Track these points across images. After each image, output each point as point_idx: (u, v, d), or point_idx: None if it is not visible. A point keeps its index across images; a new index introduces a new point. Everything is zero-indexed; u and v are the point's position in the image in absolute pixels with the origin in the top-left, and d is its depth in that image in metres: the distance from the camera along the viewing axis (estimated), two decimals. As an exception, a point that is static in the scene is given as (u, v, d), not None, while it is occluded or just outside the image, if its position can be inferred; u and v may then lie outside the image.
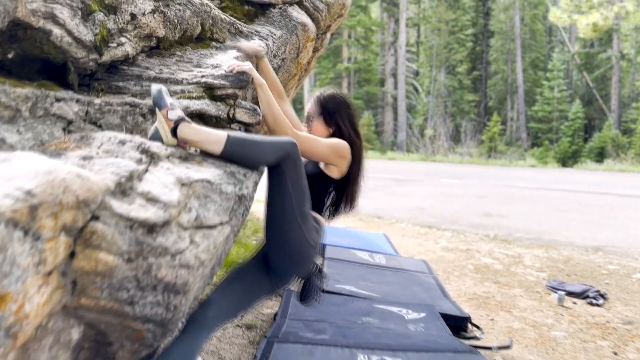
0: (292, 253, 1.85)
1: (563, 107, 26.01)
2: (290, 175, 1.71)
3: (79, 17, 1.55)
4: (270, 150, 1.65)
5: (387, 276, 4.08)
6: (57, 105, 1.40)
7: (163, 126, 1.51)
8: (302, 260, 1.89)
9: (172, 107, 1.54)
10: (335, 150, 2.05)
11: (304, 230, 1.80)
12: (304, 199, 1.78)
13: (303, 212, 1.78)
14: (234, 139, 1.60)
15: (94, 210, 1.11)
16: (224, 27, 2.24)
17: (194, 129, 1.55)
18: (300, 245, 1.82)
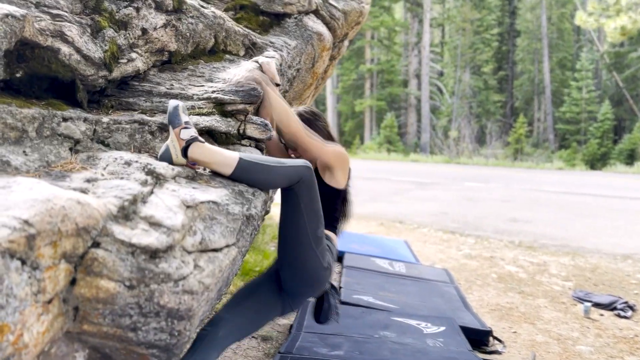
0: (305, 276, 1.84)
1: (592, 107, 25.38)
2: (304, 199, 1.70)
3: (88, 34, 1.54)
4: (283, 176, 1.63)
5: (407, 286, 4.01)
6: (64, 125, 1.39)
7: (174, 144, 1.49)
8: (315, 283, 1.87)
9: (186, 126, 1.51)
10: (341, 156, 2.05)
11: (318, 254, 1.78)
12: (317, 222, 1.76)
13: (317, 236, 1.76)
14: (246, 162, 1.57)
15: (95, 236, 1.09)
16: (238, 39, 2.22)
17: (205, 150, 1.52)
18: (313, 269, 1.81)
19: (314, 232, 1.76)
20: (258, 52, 2.29)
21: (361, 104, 28.71)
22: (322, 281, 1.88)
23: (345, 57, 30.49)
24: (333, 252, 2.00)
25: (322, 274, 1.84)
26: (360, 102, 28.78)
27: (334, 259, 2.00)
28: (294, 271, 1.82)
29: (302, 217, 1.72)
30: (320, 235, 1.79)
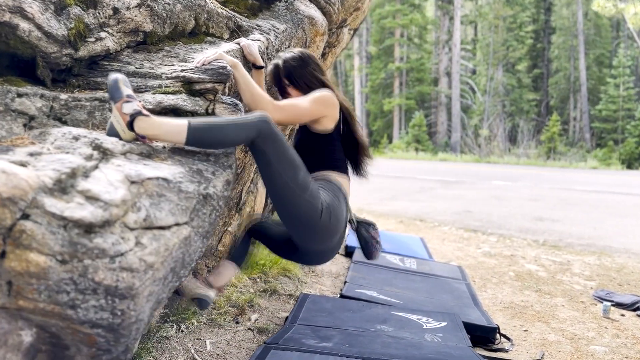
0: (304, 224, 1.83)
1: (629, 105, 24.43)
2: (270, 151, 1.67)
3: (50, 11, 1.52)
4: (238, 132, 1.60)
5: (415, 282, 3.90)
6: (18, 100, 1.37)
7: (118, 120, 1.45)
8: (316, 227, 1.84)
9: (128, 99, 1.46)
10: (320, 100, 2.00)
11: (307, 199, 1.76)
12: (294, 170, 1.73)
13: (298, 183, 1.74)
14: (196, 125, 1.52)
15: (24, 208, 1.06)
16: (221, 22, 2.17)
17: (152, 122, 1.47)
18: (308, 214, 1.79)
19: (294, 180, 1.73)
20: (243, 35, 2.24)
21: (390, 103, 28.45)
22: (324, 223, 1.84)
23: (374, 56, 30.30)
24: (334, 192, 1.95)
25: (320, 218, 1.81)
26: (389, 101, 28.52)
27: (340, 198, 1.97)
28: (293, 225, 1.85)
29: (275, 169, 1.70)
30: (303, 180, 1.75)
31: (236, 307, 3.06)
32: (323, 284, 3.89)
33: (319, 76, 2.12)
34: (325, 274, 4.15)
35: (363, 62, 32.41)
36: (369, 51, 31.52)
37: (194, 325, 2.75)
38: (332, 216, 1.87)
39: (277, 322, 3.01)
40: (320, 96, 2.01)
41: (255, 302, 3.18)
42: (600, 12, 4.52)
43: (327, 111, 2.03)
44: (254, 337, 2.83)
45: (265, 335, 2.84)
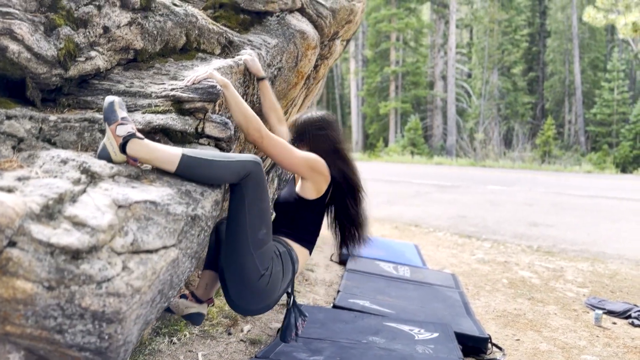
0: (239, 279, 1.78)
1: (624, 109, 24.55)
2: (249, 195, 1.67)
3: (40, 32, 1.53)
4: (229, 171, 1.60)
5: (409, 290, 3.91)
6: (7, 123, 1.38)
7: (111, 142, 1.45)
8: (250, 289, 1.80)
9: (122, 122, 1.47)
10: (309, 163, 1.97)
11: (255, 258, 1.73)
12: (260, 223, 1.72)
13: (257, 238, 1.72)
14: (189, 158, 1.53)
15: (10, 235, 1.07)
16: (213, 38, 2.18)
17: (145, 146, 1.48)
18: (247, 272, 1.75)
19: (254, 233, 1.71)
20: (235, 50, 2.25)
21: (386, 107, 28.50)
22: (259, 286, 1.79)
23: (370, 60, 30.36)
24: (285, 264, 1.91)
25: (257, 280, 1.77)
26: (384, 105, 28.57)
27: (287, 271, 1.93)
28: (230, 273, 1.79)
29: (244, 213, 1.68)
30: (261, 238, 1.73)
31: (229, 318, 3.06)
32: (317, 292, 3.89)
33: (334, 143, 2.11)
34: (319, 282, 4.15)
35: (359, 66, 32.47)
36: (365, 55, 31.59)
37: (186, 337, 2.76)
38: (270, 283, 1.83)
39: (269, 333, 3.02)
40: (315, 160, 1.98)
41: (248, 312, 3.19)
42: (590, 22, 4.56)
43: (311, 176, 2.00)
44: (246, 348, 2.83)
45: (257, 346, 2.84)
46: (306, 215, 2.07)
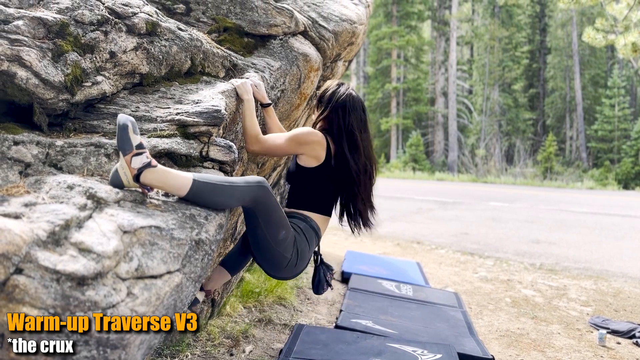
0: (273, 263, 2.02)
1: (625, 125, 24.60)
2: (261, 215, 1.80)
3: (48, 58, 1.55)
4: (236, 196, 1.68)
5: (411, 310, 3.89)
6: (14, 148, 1.39)
7: (125, 172, 1.47)
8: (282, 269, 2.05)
9: (138, 152, 1.48)
10: (295, 139, 2.10)
11: (282, 252, 1.95)
12: (277, 230, 1.88)
13: (278, 240, 1.90)
14: (199, 184, 1.57)
15: (17, 263, 1.08)
16: (217, 61, 2.21)
17: (158, 174, 1.51)
18: (279, 259, 1.99)
19: (275, 239, 1.90)
20: (239, 73, 2.28)
21: (387, 123, 28.61)
22: (290, 265, 2.04)
23: (371, 76, 30.56)
24: (308, 236, 2.11)
25: (288, 263, 2.01)
26: (386, 121, 28.69)
27: (311, 241, 2.15)
28: (262, 260, 2.02)
29: (261, 229, 1.84)
30: (282, 238, 1.91)
31: (230, 339, 3.05)
32: (319, 312, 3.88)
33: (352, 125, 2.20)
34: (321, 301, 4.14)
35: (360, 82, 32.68)
36: (366, 71, 31.82)
37: (187, 358, 2.74)
38: (299, 259, 2.07)
39: (271, 354, 3.00)
40: (297, 134, 2.11)
41: (250, 332, 3.17)
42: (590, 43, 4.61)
43: (302, 149, 2.13)
44: (249, 369, 2.82)
45: (260, 367, 2.83)
46: (315, 183, 2.18)
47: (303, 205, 2.20)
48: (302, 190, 2.22)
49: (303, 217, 2.16)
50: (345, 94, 2.23)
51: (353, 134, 2.20)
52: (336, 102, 2.20)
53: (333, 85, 2.28)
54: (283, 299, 3.84)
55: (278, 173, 3.57)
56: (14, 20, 1.53)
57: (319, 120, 2.25)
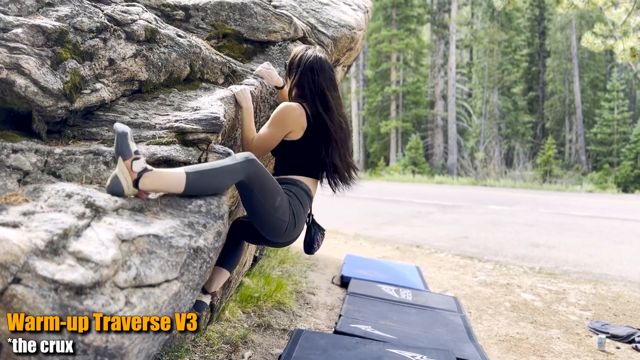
0: (274, 230, 2.10)
1: (624, 129, 24.63)
2: (256, 187, 1.87)
3: (47, 66, 1.55)
4: (230, 175, 1.73)
5: (411, 315, 3.89)
6: (13, 156, 1.39)
7: (126, 177, 1.48)
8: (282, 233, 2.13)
9: (136, 157, 1.50)
10: (277, 120, 2.18)
11: (279, 216, 2.04)
12: (273, 197, 1.97)
13: (275, 206, 1.99)
14: (193, 175, 1.61)
15: (15, 272, 1.08)
16: (216, 68, 2.21)
17: (154, 178, 1.52)
18: (279, 224, 2.07)
19: (272, 206, 1.98)
20: (238, 79, 2.28)
21: (386, 126, 28.63)
22: (289, 229, 2.14)
23: (371, 79, 30.59)
24: (301, 198, 2.22)
25: (287, 226, 2.11)
26: (385, 124, 28.71)
27: (304, 202, 2.25)
28: (264, 230, 2.10)
29: (257, 199, 1.92)
30: (278, 205, 2.00)
31: (229, 344, 3.04)
32: (318, 317, 3.87)
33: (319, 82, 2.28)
34: (320, 306, 4.13)
35: (360, 85, 32.71)
36: (366, 74, 31.85)
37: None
38: (297, 220, 2.17)
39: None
40: (277, 115, 2.18)
41: (249, 337, 3.17)
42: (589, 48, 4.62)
43: (288, 128, 2.21)
44: (247, 375, 2.82)
45: (259, 373, 2.82)
46: (301, 149, 2.27)
47: (291, 170, 2.30)
48: (288, 158, 2.31)
49: (293, 182, 2.26)
50: (312, 56, 2.29)
51: (324, 93, 2.27)
52: (304, 66, 2.27)
53: (300, 50, 2.34)
54: (282, 303, 3.83)
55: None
56: (13, 28, 1.53)
57: (292, 88, 2.31)
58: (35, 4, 1.70)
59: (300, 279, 4.71)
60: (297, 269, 5.09)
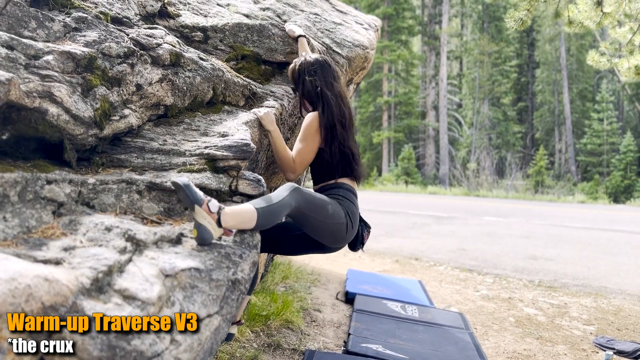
0: (337, 237, 2.19)
1: (614, 139, 24.94)
2: (306, 209, 1.96)
3: (78, 93, 1.53)
4: (285, 210, 1.81)
5: (419, 332, 3.87)
6: (47, 187, 1.37)
7: (209, 221, 1.50)
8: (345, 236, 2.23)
9: (208, 199, 1.54)
10: (307, 137, 2.23)
11: (336, 222, 2.12)
12: (325, 209, 2.07)
13: (329, 215, 2.08)
14: (263, 212, 1.69)
15: (64, 313, 1.05)
16: (237, 90, 2.20)
17: (231, 214, 1.58)
18: (339, 229, 2.16)
19: (326, 216, 2.07)
20: (258, 102, 2.27)
21: (379, 136, 28.74)
22: (350, 231, 2.23)
23: (363, 90, 30.73)
24: (349, 198, 2.30)
25: (346, 229, 2.20)
26: (377, 134, 28.82)
27: (353, 200, 2.33)
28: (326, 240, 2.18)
29: (312, 217, 2.02)
30: (331, 213, 2.09)
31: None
32: (326, 335, 3.84)
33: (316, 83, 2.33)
34: (327, 323, 4.10)
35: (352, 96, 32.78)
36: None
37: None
38: (353, 221, 2.26)
39: (283, 380, 2.96)
40: (307, 129, 2.23)
41: (260, 358, 3.13)
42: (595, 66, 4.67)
43: (318, 137, 2.27)
44: (261, 398, 2.78)
45: (272, 396, 2.79)
46: (331, 154, 2.33)
47: (330, 175, 2.36)
48: (322, 165, 2.36)
49: (336, 185, 2.34)
50: (304, 64, 2.35)
51: (322, 92, 2.32)
52: (299, 77, 2.33)
53: (294, 66, 2.39)
54: (290, 322, 3.80)
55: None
56: (44, 55, 1.51)
57: (302, 101, 2.38)
58: (63, 29, 1.68)
59: (305, 295, 4.68)
60: (301, 285, 5.06)
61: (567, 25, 4.19)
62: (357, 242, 2.52)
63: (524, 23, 3.94)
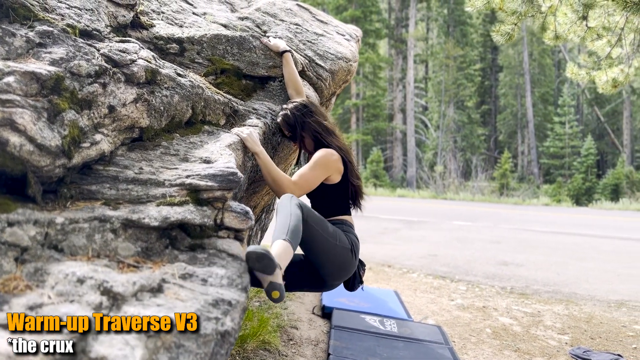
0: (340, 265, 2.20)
1: (575, 142, 25.68)
2: (312, 221, 2.03)
3: (44, 119, 1.35)
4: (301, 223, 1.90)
5: (399, 349, 3.78)
6: (9, 230, 1.19)
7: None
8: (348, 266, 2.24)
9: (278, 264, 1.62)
10: (321, 164, 2.25)
11: (339, 244, 2.15)
12: (325, 226, 2.11)
13: (330, 233, 2.11)
14: (291, 237, 1.79)
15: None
16: (218, 108, 2.05)
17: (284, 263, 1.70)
18: (343, 255, 2.18)
19: (328, 233, 2.10)
20: (240, 120, 2.12)
21: (347, 138, 28.71)
22: (352, 261, 2.23)
23: (331, 92, 30.70)
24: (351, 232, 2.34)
25: (350, 256, 2.21)
26: (346, 137, 28.80)
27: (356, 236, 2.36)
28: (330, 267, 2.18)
29: (319, 232, 2.06)
30: (332, 231, 2.13)
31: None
32: (304, 354, 3.71)
33: (323, 123, 2.37)
34: (304, 342, 3.97)
35: (327, 104, 32.75)
36: (326, 87, 31.89)
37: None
38: (356, 253, 2.28)
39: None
40: (321, 160, 2.25)
41: (237, 384, 2.98)
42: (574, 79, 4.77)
43: (331, 171, 2.30)
44: None
45: None
46: (339, 193, 2.39)
47: (335, 211, 2.40)
48: (327, 200, 2.40)
49: (341, 222, 2.37)
50: (295, 108, 2.33)
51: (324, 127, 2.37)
52: (295, 121, 2.31)
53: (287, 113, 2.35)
54: (267, 342, 3.64)
55: (261, 208, 3.42)
56: (4, 77, 1.32)
57: (306, 145, 2.39)
58: (25, 45, 1.49)
59: (281, 311, 4.53)
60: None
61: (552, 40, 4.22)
62: (355, 281, 2.50)
63: (510, 37, 3.95)
